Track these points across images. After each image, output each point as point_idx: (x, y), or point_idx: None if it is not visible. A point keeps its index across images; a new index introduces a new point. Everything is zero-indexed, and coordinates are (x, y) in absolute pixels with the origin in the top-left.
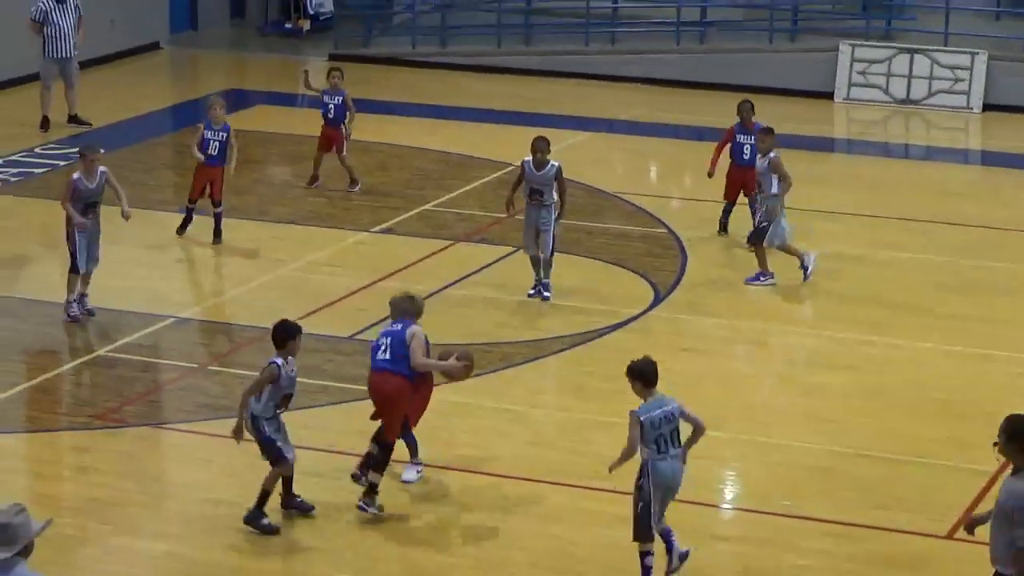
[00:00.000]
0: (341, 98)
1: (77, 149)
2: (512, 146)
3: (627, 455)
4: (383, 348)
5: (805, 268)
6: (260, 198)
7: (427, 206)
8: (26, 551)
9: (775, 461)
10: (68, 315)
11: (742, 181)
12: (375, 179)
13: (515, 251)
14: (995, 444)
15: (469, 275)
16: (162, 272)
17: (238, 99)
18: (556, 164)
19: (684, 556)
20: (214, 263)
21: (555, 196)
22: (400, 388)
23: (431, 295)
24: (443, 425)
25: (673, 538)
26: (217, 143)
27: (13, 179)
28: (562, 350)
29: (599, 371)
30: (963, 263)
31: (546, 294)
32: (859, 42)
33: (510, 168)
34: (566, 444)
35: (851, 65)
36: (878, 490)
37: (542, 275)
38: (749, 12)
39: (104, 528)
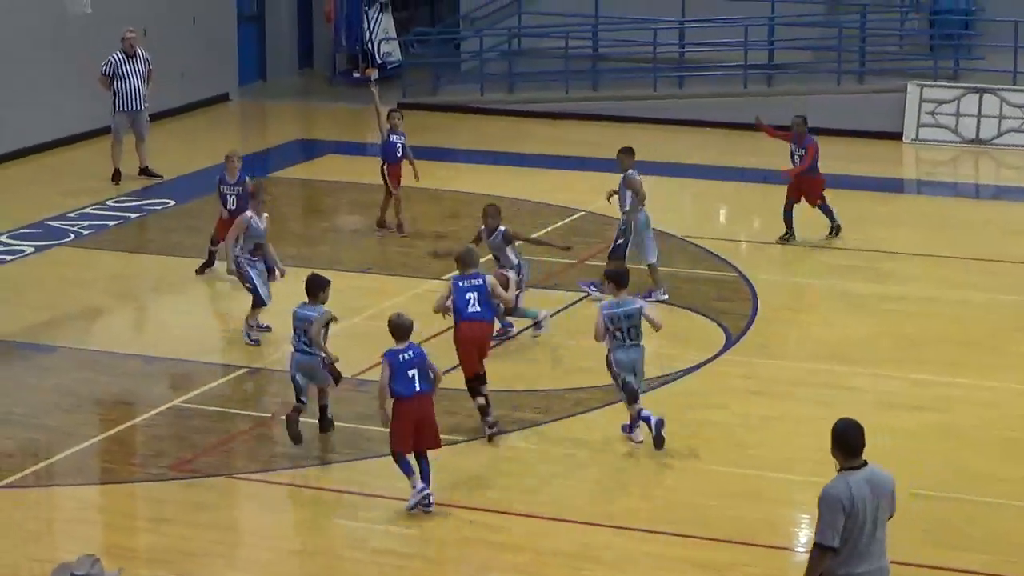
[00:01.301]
0: (405, 138)
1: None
2: (581, 192)
3: (596, 338)
4: (472, 301)
5: (649, 294)
6: (331, 247)
7: None
8: None
9: None
10: (249, 338)
11: (797, 186)
12: (445, 227)
13: (585, 296)
14: None
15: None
16: (235, 322)
17: (307, 149)
18: (503, 229)
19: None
20: (287, 313)
21: (513, 258)
22: (491, 330)
23: (503, 341)
24: (515, 471)
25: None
26: (234, 196)
27: (85, 232)
28: None
29: (671, 415)
30: None
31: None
32: (927, 82)
33: (580, 214)
34: (637, 488)
35: (920, 105)
36: (951, 531)
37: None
38: (817, 54)
39: None
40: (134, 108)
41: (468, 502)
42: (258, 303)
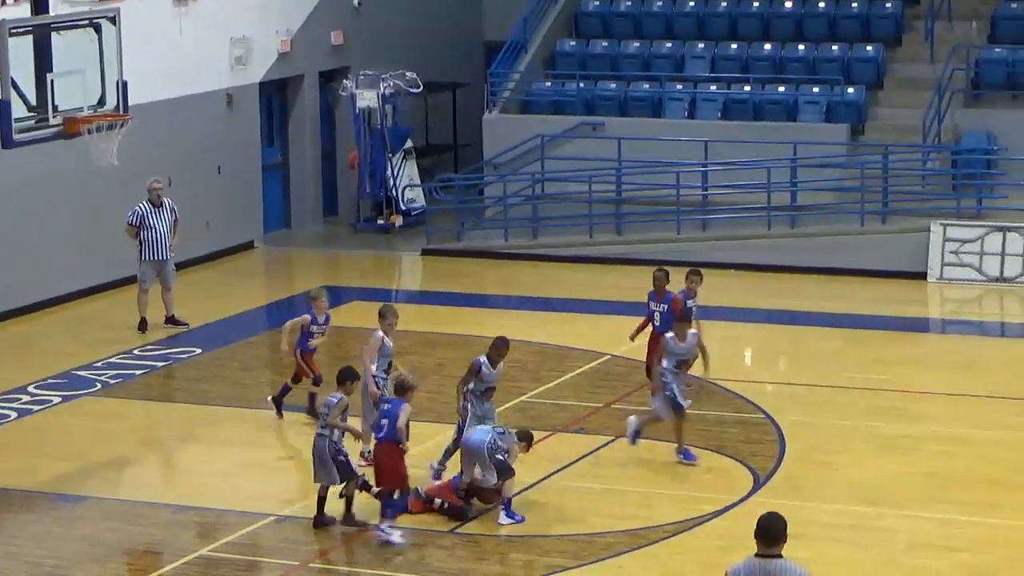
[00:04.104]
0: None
1: (378, 310)
2: (607, 336)
3: None
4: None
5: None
6: (359, 394)
7: (524, 397)
8: None
9: None
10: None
11: (655, 346)
12: None
13: (613, 440)
14: None
15: (568, 465)
16: (263, 471)
17: (332, 296)
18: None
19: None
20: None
21: None
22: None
23: (531, 486)
24: None
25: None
26: (322, 335)
27: (112, 381)
28: (663, 539)
29: (700, 559)
30: None
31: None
32: (950, 222)
33: (606, 358)
34: None
35: (943, 244)
36: None
37: None
38: (839, 195)
39: None
40: (160, 257)
41: None
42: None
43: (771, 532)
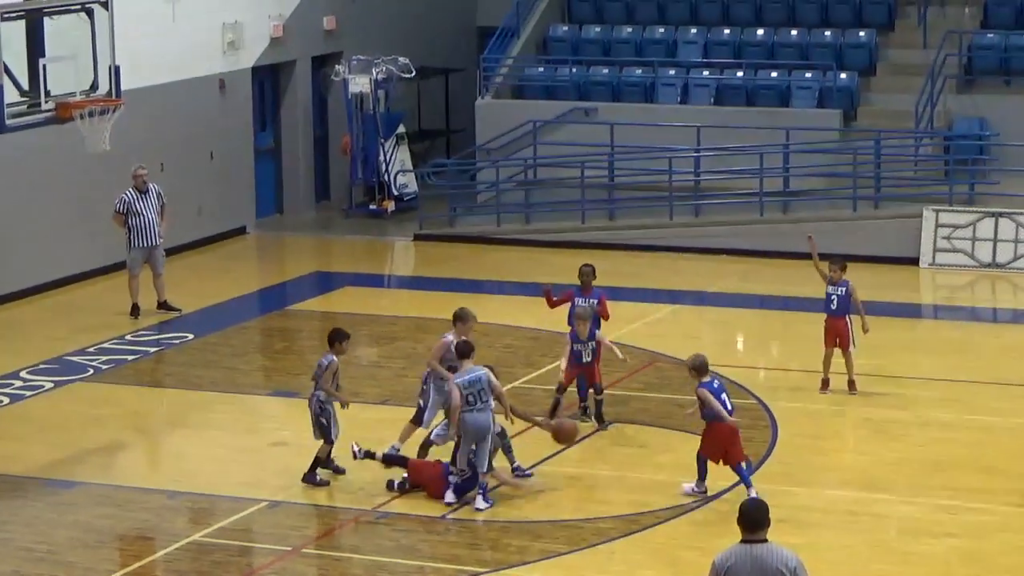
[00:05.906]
0: (845, 289)
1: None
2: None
3: (452, 410)
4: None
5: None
6: (350, 380)
7: (516, 383)
8: None
9: None
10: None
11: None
12: None
13: (607, 425)
14: None
15: (561, 451)
16: (255, 456)
17: (324, 281)
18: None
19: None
20: (306, 446)
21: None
22: None
23: (524, 472)
24: None
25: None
26: (589, 351)
27: (104, 367)
28: (656, 524)
29: (693, 544)
30: None
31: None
32: (943, 207)
33: None
34: None
35: (935, 230)
36: None
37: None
38: (832, 181)
39: None
40: (148, 244)
41: None
42: (416, 420)
43: (754, 518)
